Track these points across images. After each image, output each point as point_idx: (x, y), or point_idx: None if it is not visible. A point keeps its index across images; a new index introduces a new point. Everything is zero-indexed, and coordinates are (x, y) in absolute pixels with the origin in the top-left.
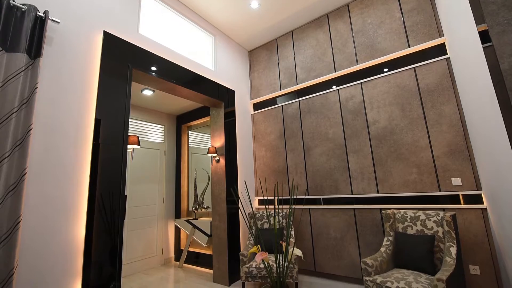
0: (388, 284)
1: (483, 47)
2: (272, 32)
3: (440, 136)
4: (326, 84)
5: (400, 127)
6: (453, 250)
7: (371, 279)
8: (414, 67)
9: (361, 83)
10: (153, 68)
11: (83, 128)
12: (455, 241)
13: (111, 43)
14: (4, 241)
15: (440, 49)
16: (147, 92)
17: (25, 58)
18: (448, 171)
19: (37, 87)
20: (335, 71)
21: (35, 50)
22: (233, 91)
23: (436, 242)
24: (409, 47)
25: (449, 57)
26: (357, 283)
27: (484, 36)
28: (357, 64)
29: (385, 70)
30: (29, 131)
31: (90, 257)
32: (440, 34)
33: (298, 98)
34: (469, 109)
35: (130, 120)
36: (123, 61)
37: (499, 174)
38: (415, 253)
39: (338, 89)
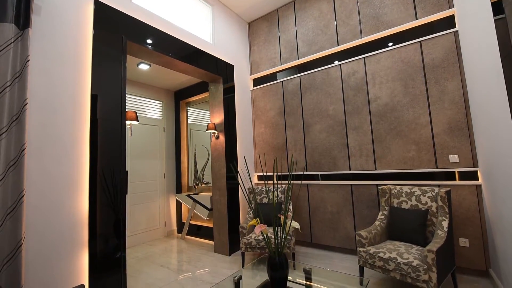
0: (381, 254)
1: (495, 19)
2: (273, 2)
3: (441, 113)
4: (328, 59)
5: (402, 104)
6: (445, 223)
7: (364, 249)
8: (420, 41)
9: (364, 57)
10: (149, 41)
11: (79, 103)
12: (447, 216)
13: (103, 13)
14: (10, 214)
15: (449, 22)
16: (143, 67)
17: (13, 28)
18: (446, 148)
19: (28, 60)
20: (338, 45)
21: (23, 20)
22: (232, 66)
23: (429, 216)
24: (416, 19)
25: (457, 31)
26: (351, 253)
27: (497, 8)
28: (361, 37)
29: (390, 44)
30: (24, 105)
31: (95, 230)
32: (450, 5)
33: (299, 73)
34: (473, 84)
35: (127, 95)
36: (117, 33)
37: (497, 151)
38: (408, 226)
39: (340, 64)
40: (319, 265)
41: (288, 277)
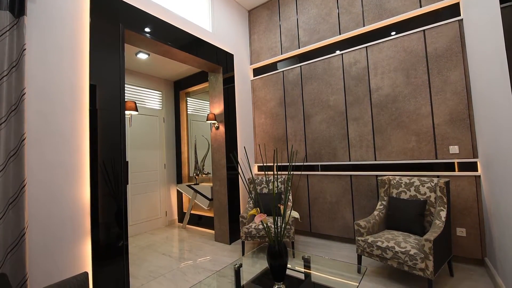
0: (379, 243)
1: (501, 7)
2: None
3: (443, 104)
4: (330, 48)
5: (403, 95)
6: (443, 214)
7: (363, 239)
8: (423, 30)
9: (366, 47)
10: (147, 29)
11: (78, 94)
12: (446, 206)
13: (100, 1)
14: (12, 203)
15: (454, 10)
16: (142, 56)
17: (8, 16)
18: (447, 139)
19: (25, 49)
20: (340, 34)
21: (18, 7)
22: (232, 55)
23: (428, 207)
24: (420, 7)
25: (461, 19)
26: (350, 242)
27: None
28: (364, 26)
29: (393, 33)
30: (22, 95)
31: (97, 219)
32: None
33: (300, 63)
34: (476, 74)
35: (126, 85)
36: (115, 21)
37: (497, 142)
38: (407, 216)
39: (342, 54)
40: (318, 254)
41: (288, 265)
